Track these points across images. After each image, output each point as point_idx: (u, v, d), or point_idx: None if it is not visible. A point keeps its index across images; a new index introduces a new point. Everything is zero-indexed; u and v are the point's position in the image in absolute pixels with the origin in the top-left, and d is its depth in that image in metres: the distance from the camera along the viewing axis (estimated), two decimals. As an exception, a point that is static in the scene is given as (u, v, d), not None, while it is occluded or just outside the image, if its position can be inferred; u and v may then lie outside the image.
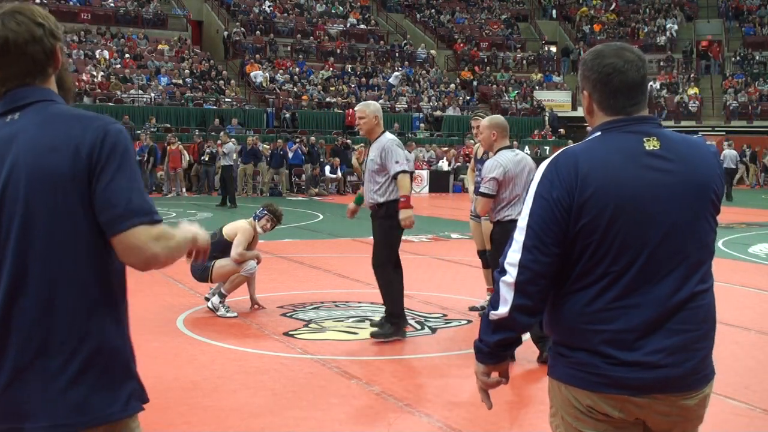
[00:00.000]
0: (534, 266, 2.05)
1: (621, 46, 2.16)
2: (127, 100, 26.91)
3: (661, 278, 2.04)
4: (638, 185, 2.04)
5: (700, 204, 2.09)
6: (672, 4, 41.68)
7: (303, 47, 33.49)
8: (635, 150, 2.07)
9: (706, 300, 2.11)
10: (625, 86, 2.10)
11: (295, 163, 24.43)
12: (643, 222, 2.04)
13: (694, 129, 34.06)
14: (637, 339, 2.03)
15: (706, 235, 2.12)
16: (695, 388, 2.09)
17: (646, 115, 2.14)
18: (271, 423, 4.41)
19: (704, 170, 2.12)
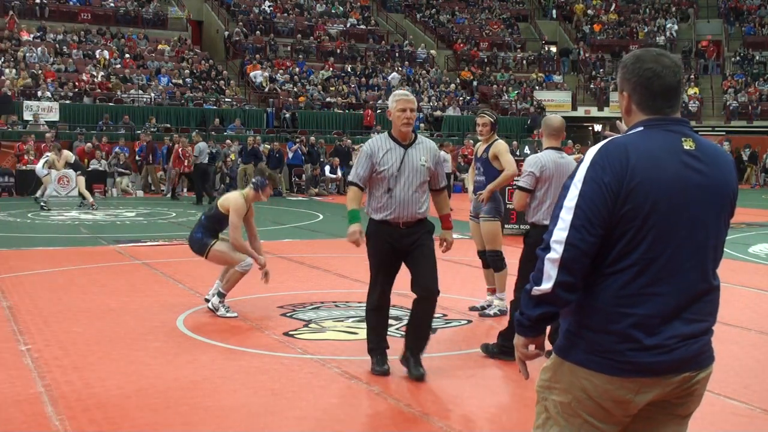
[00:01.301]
0: (581, 245, 2.18)
1: (659, 52, 2.32)
2: (127, 100, 26.91)
3: (685, 270, 2.22)
4: (676, 181, 2.21)
5: (721, 206, 2.28)
6: (672, 4, 41.68)
7: (303, 47, 33.49)
8: (676, 148, 2.24)
9: (715, 295, 2.31)
10: (664, 89, 2.28)
11: (295, 163, 24.43)
12: (676, 215, 2.20)
13: (694, 129, 33.97)
14: (659, 324, 2.20)
15: (722, 235, 2.32)
16: (704, 366, 2.31)
17: (681, 117, 2.33)
18: (271, 423, 4.41)
19: (728, 175, 2.31)
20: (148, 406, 4.62)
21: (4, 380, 5.05)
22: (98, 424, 4.31)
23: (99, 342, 6.07)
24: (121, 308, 7.27)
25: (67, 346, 5.91)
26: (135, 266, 9.73)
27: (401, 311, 7.27)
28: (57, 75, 26.86)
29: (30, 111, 24.46)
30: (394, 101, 5.14)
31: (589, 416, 2.23)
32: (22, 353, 5.71)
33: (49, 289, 8.18)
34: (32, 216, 16.25)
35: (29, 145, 21.77)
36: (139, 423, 4.36)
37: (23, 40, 28.33)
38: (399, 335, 6.38)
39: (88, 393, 4.82)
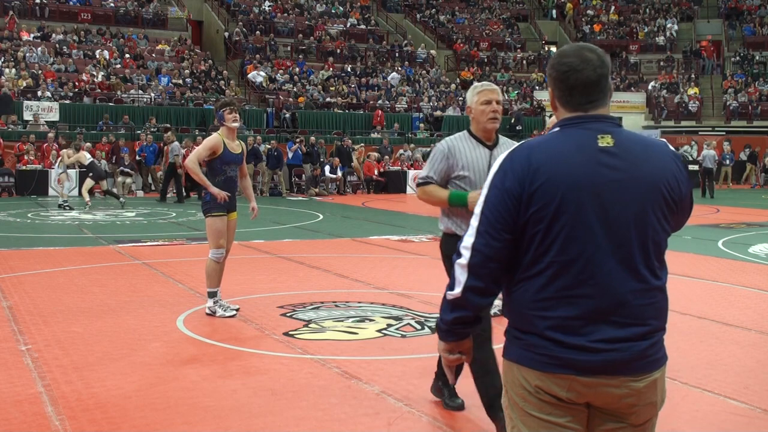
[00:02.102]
0: (485, 250, 2.18)
1: (582, 45, 2.25)
2: (127, 100, 26.91)
3: (607, 271, 2.14)
4: (587, 179, 2.14)
5: (648, 202, 2.17)
6: (672, 4, 41.69)
7: (303, 47, 33.49)
8: (588, 145, 2.17)
9: (657, 297, 2.20)
10: (581, 84, 2.21)
11: (295, 163, 24.43)
12: (587, 214, 2.13)
13: (694, 129, 34.08)
14: (582, 326, 2.13)
15: (655, 232, 2.19)
16: (642, 371, 2.17)
17: (604, 114, 2.23)
18: (271, 423, 4.41)
19: (653, 169, 2.19)
20: (148, 406, 4.62)
21: (4, 380, 5.05)
22: (98, 424, 4.31)
23: (99, 342, 6.07)
24: (121, 308, 7.27)
25: (67, 346, 5.91)
26: (135, 266, 9.73)
27: (401, 311, 7.28)
28: (57, 75, 26.86)
29: (30, 111, 24.46)
30: (475, 94, 4.35)
31: (539, 413, 2.19)
32: (22, 353, 5.71)
33: (49, 289, 8.18)
34: (32, 216, 16.25)
35: (29, 145, 21.80)
36: (139, 423, 4.36)
37: (23, 40, 28.33)
38: (399, 335, 6.39)
39: (88, 393, 4.82)
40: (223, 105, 7.12)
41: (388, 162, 25.79)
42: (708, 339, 6.45)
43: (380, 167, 25.44)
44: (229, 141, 7.06)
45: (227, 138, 7.04)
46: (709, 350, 6.09)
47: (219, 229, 6.99)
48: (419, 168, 26.14)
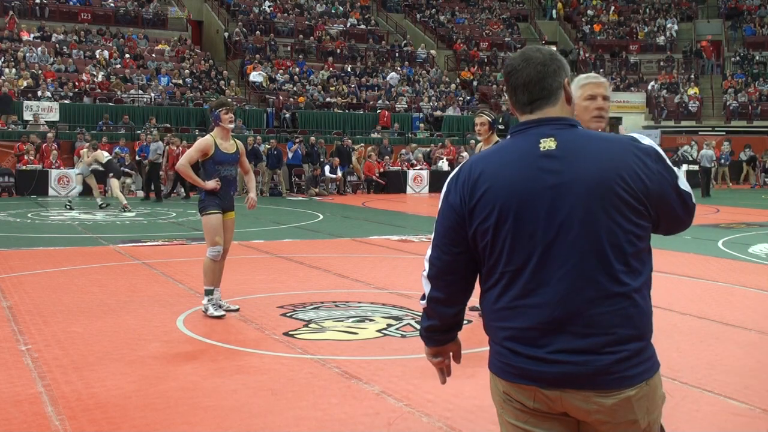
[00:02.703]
0: (437, 263, 2.24)
1: (531, 47, 2.22)
2: (127, 100, 26.91)
3: (559, 278, 2.05)
4: (525, 186, 2.07)
5: (596, 202, 2.04)
6: (672, 4, 41.69)
7: (303, 47, 33.49)
8: (529, 152, 2.10)
9: (622, 304, 2.05)
10: (520, 84, 2.15)
11: (295, 163, 24.43)
12: (531, 222, 2.06)
13: (694, 129, 34.08)
14: (539, 337, 2.07)
15: (612, 235, 2.04)
16: (609, 387, 2.04)
17: (550, 116, 2.14)
18: (271, 423, 4.41)
19: (601, 167, 2.05)
20: (148, 406, 4.62)
21: (4, 380, 5.05)
22: (98, 424, 4.31)
23: (99, 342, 6.07)
24: (121, 308, 7.27)
25: (67, 346, 5.91)
26: (135, 266, 9.73)
27: (401, 311, 7.28)
28: (57, 75, 26.87)
29: (30, 111, 24.47)
30: (578, 87, 3.76)
31: (516, 420, 2.17)
32: (22, 353, 5.71)
33: (49, 289, 8.18)
34: (32, 216, 16.25)
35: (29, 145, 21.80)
36: (139, 423, 4.36)
37: (23, 40, 28.34)
38: (399, 335, 6.39)
39: (88, 393, 4.82)
40: (219, 105, 7.12)
41: (388, 162, 25.78)
42: (708, 339, 6.45)
43: (380, 167, 25.44)
44: (222, 141, 7.06)
45: (220, 138, 7.05)
46: (710, 350, 6.09)
47: (214, 227, 6.99)
48: (419, 168, 26.14)
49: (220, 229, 7.03)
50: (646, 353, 2.09)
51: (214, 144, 7.00)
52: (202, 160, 7.01)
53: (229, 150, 7.10)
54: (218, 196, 7.01)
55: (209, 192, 6.99)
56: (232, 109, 7.15)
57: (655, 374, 2.12)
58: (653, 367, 2.12)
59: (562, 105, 2.16)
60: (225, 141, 7.09)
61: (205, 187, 6.97)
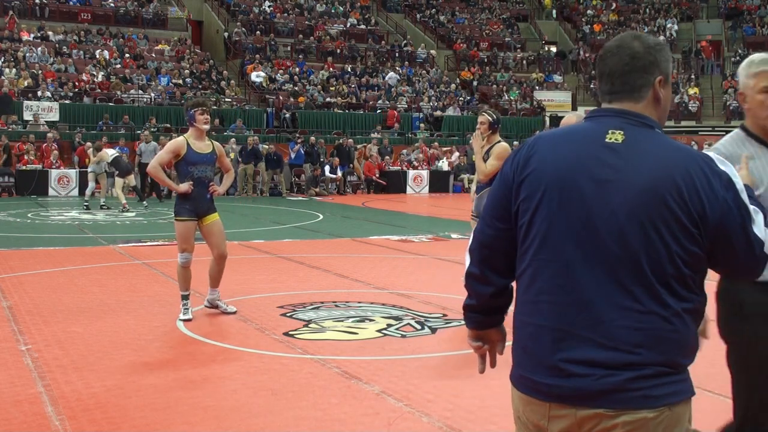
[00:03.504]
0: (480, 236, 2.10)
1: (634, 33, 2.05)
2: (127, 100, 26.91)
3: (589, 280, 1.89)
4: (577, 173, 1.92)
5: (645, 210, 1.86)
6: (672, 4, 41.70)
7: (303, 47, 33.49)
8: (593, 139, 1.95)
9: (655, 324, 1.86)
10: (605, 72, 2.03)
11: (297, 163, 24.45)
12: (572, 212, 1.91)
13: (694, 129, 34.08)
14: (558, 340, 1.91)
15: (654, 250, 1.86)
16: (623, 406, 1.86)
17: (629, 109, 1.99)
18: (271, 423, 4.41)
19: (657, 173, 1.87)
20: (148, 406, 4.62)
21: (4, 380, 5.05)
22: (98, 424, 4.31)
23: (99, 342, 6.07)
24: (121, 308, 7.27)
25: (67, 346, 5.91)
26: (135, 266, 9.73)
27: (401, 311, 7.28)
28: (57, 75, 26.86)
29: (30, 111, 24.47)
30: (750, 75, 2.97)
31: None
32: (22, 353, 5.71)
33: (49, 289, 8.18)
34: (32, 216, 16.25)
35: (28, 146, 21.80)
36: (139, 423, 4.36)
37: (23, 40, 28.34)
38: (399, 335, 6.39)
39: (88, 393, 4.82)
40: (194, 105, 6.90)
41: (388, 162, 25.78)
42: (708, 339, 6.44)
43: (381, 167, 25.43)
44: (196, 141, 6.84)
45: (194, 138, 6.86)
46: (709, 350, 6.09)
47: (181, 234, 6.82)
48: (419, 168, 26.14)
49: (189, 237, 6.83)
50: (673, 377, 1.90)
51: (186, 144, 6.79)
52: (175, 161, 6.85)
53: (204, 150, 6.86)
54: (191, 199, 6.80)
55: (180, 195, 6.80)
56: (208, 110, 6.92)
57: (682, 401, 1.91)
58: (680, 393, 1.91)
59: (648, 104, 2.00)
60: (199, 141, 6.87)
61: (177, 191, 6.81)
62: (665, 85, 2.02)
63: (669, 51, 2.06)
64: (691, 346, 1.95)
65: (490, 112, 7.21)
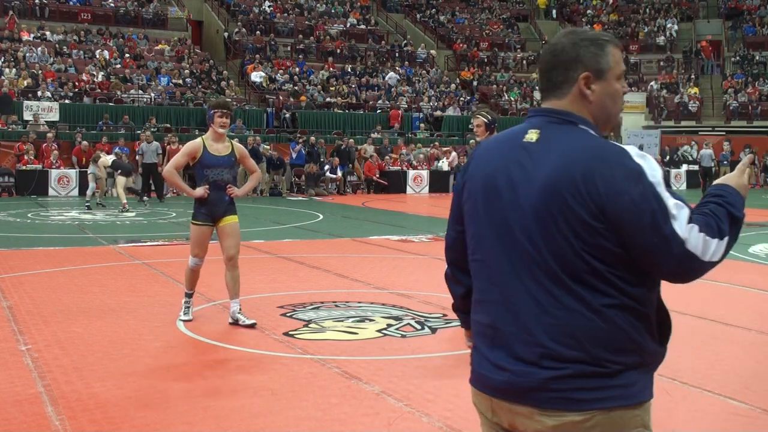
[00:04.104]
0: (447, 239, 2.24)
1: (572, 30, 2.04)
2: (127, 100, 26.91)
3: (509, 277, 1.93)
4: (496, 176, 1.97)
5: (547, 207, 1.87)
6: (672, 4, 41.70)
7: (303, 47, 33.49)
8: (514, 140, 1.99)
9: (568, 320, 1.85)
10: (539, 70, 2.06)
11: (298, 163, 24.45)
12: (492, 214, 1.98)
13: (694, 129, 34.08)
14: (493, 337, 1.96)
15: (556, 245, 1.86)
16: (548, 406, 1.86)
17: (552, 108, 1.99)
18: (271, 423, 4.41)
19: (559, 169, 1.86)
20: (148, 406, 4.62)
21: (4, 380, 5.05)
22: (98, 424, 4.31)
23: (99, 342, 6.07)
24: (121, 308, 7.27)
25: (67, 346, 5.91)
26: (135, 266, 9.73)
27: (401, 311, 7.28)
28: (57, 75, 26.86)
29: (30, 111, 24.47)
30: None
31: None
32: (22, 353, 5.71)
33: (49, 289, 8.18)
34: (32, 216, 16.25)
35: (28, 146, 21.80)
36: (139, 423, 4.36)
37: (23, 40, 28.34)
38: (399, 335, 6.39)
39: (88, 393, 4.82)
40: (215, 106, 6.66)
41: (388, 162, 25.79)
42: (708, 339, 6.45)
43: (381, 167, 25.44)
44: (213, 143, 6.59)
45: (211, 140, 6.59)
46: (709, 350, 6.09)
47: (195, 238, 6.63)
48: (419, 168, 26.14)
49: (202, 242, 6.63)
50: (606, 380, 1.85)
51: (202, 146, 6.55)
52: (192, 164, 6.64)
53: (221, 152, 6.59)
54: (207, 203, 6.54)
55: (198, 199, 6.57)
56: (229, 113, 6.64)
57: (620, 406, 1.85)
58: (619, 398, 1.86)
59: (573, 101, 1.97)
60: (216, 143, 6.60)
61: (193, 195, 6.59)
62: (597, 81, 1.96)
63: (606, 45, 1.98)
64: (625, 344, 1.86)
65: (484, 113, 7.18)
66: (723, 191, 1.95)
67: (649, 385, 1.93)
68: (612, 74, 1.97)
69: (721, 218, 1.90)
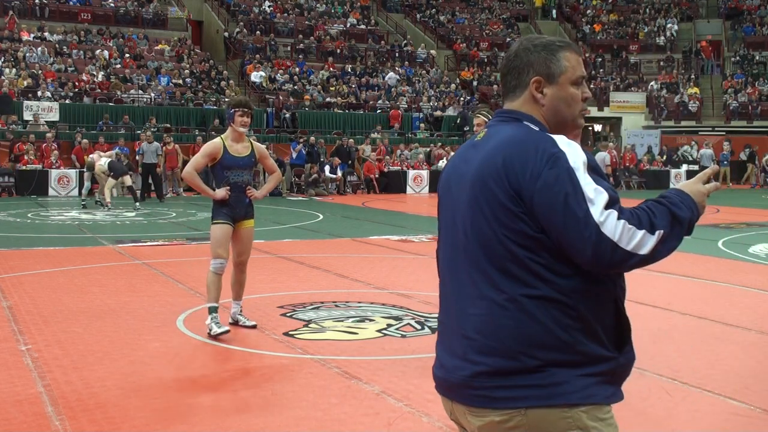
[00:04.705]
0: None
1: (527, 37, 2.10)
2: (127, 100, 26.91)
3: (451, 271, 2.00)
4: (450, 175, 2.08)
5: (474, 197, 1.92)
6: (672, 4, 41.70)
7: (303, 47, 33.50)
8: (470, 141, 2.09)
9: (487, 311, 1.84)
10: (499, 75, 2.15)
11: (299, 163, 24.45)
12: (445, 212, 2.07)
13: (694, 129, 34.08)
14: (441, 332, 2.03)
15: (482, 233, 1.89)
16: (471, 403, 1.86)
17: (504, 108, 2.07)
18: (271, 423, 4.41)
19: (485, 160, 1.93)
20: (148, 406, 4.62)
21: (4, 380, 5.05)
22: (98, 424, 4.31)
23: (99, 342, 6.07)
24: (121, 308, 7.27)
25: (67, 346, 5.91)
26: (135, 266, 9.73)
27: (401, 311, 7.28)
28: (57, 75, 26.86)
29: (30, 111, 24.46)
30: None
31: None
32: (22, 353, 5.71)
33: (49, 289, 8.18)
34: (32, 216, 16.25)
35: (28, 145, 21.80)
36: (139, 423, 4.36)
37: (23, 40, 28.34)
38: (399, 335, 6.39)
39: (88, 393, 4.82)
40: (236, 104, 6.48)
41: (388, 162, 25.79)
42: (708, 339, 6.45)
43: (381, 167, 25.43)
44: (233, 143, 6.43)
45: (231, 140, 6.42)
46: (709, 350, 6.09)
47: (217, 238, 6.36)
48: (419, 168, 26.14)
49: (224, 241, 6.37)
50: (524, 377, 1.80)
51: (222, 147, 6.37)
52: (211, 165, 6.45)
53: (241, 153, 6.42)
54: (228, 205, 6.35)
55: (218, 201, 6.37)
56: (250, 113, 6.51)
57: (541, 405, 1.79)
58: (539, 397, 1.79)
59: (525, 103, 2.02)
60: (236, 143, 6.44)
61: (214, 197, 6.36)
62: (549, 85, 1.99)
63: (558, 50, 2.01)
64: (544, 339, 1.80)
65: (485, 112, 7.19)
66: (670, 193, 1.94)
67: (592, 388, 1.81)
68: (565, 78, 1.99)
69: (655, 213, 1.84)
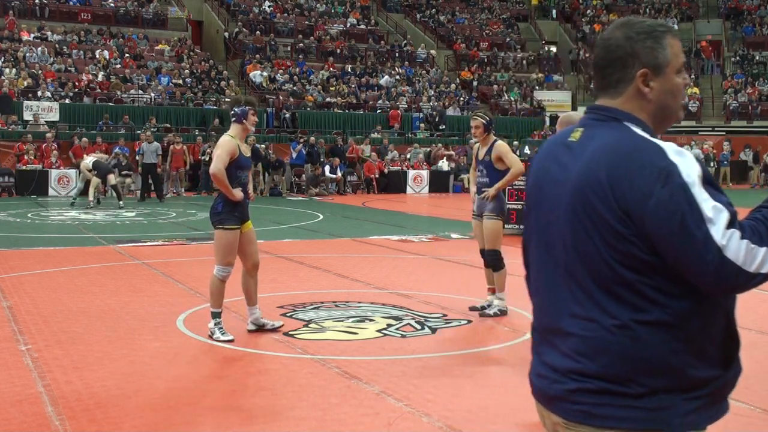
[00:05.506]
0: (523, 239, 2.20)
1: (624, 21, 1.87)
2: (127, 100, 26.90)
3: (547, 283, 1.86)
4: (540, 177, 1.91)
5: (573, 210, 1.76)
6: (672, 4, 41.71)
7: (303, 47, 33.50)
8: (561, 140, 1.89)
9: (595, 333, 1.73)
10: (593, 67, 1.91)
11: (299, 163, 24.46)
12: (539, 216, 1.90)
13: (694, 129, 34.08)
14: (539, 342, 1.91)
15: (585, 251, 1.74)
16: (570, 417, 1.79)
17: (598, 104, 1.87)
18: (271, 423, 4.41)
19: (586, 169, 1.74)
20: (148, 406, 4.62)
21: (4, 380, 5.05)
22: (98, 424, 4.31)
23: (99, 342, 6.07)
24: (121, 308, 7.27)
25: (67, 346, 5.91)
26: (135, 266, 9.73)
27: (401, 311, 7.28)
28: (57, 75, 26.86)
29: (30, 111, 24.46)
30: None
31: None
32: (22, 353, 5.71)
33: (49, 289, 8.18)
34: (32, 216, 16.25)
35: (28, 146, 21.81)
36: (139, 423, 4.36)
37: (23, 40, 28.34)
38: (399, 335, 6.39)
39: (88, 393, 4.82)
40: (250, 103, 6.37)
41: (388, 162, 25.78)
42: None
43: (381, 167, 25.43)
44: (241, 143, 6.34)
45: (240, 140, 6.31)
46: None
47: (230, 244, 6.22)
48: (419, 168, 26.14)
49: (235, 248, 6.28)
50: (625, 399, 1.72)
51: (237, 146, 6.22)
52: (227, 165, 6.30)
53: (247, 153, 6.39)
54: (240, 205, 6.24)
55: (228, 202, 6.19)
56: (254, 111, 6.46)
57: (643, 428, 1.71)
58: (644, 419, 1.71)
59: (628, 100, 1.82)
60: (243, 143, 6.39)
61: (234, 198, 6.16)
62: (656, 78, 1.80)
63: (663, 36, 1.82)
64: (655, 365, 1.70)
65: (482, 113, 7.23)
66: None
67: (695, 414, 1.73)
68: (671, 68, 1.81)
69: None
